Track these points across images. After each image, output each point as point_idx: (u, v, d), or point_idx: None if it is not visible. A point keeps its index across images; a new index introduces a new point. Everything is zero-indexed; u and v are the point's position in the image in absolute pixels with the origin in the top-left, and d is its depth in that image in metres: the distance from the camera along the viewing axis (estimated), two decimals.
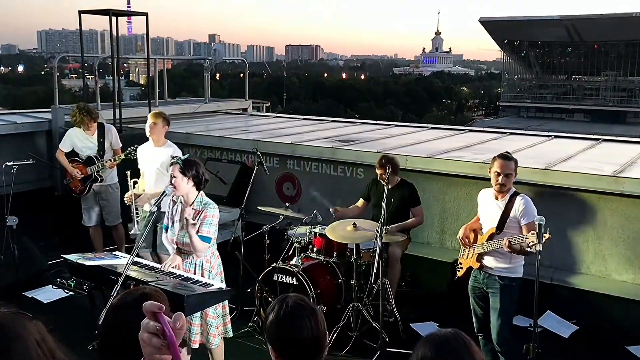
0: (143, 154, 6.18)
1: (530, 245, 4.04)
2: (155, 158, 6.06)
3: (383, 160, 5.85)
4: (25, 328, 1.32)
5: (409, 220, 6.05)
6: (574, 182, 6.02)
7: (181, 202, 4.46)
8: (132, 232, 5.99)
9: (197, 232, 4.30)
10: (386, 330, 5.33)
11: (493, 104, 76.08)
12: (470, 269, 4.69)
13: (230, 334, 4.63)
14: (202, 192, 4.45)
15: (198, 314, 4.27)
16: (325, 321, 2.29)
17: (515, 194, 4.45)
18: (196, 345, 4.37)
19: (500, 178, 4.40)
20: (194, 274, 4.39)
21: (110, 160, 6.78)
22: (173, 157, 4.63)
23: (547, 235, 3.96)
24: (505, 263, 4.46)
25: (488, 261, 4.54)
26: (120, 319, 2.01)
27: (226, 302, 4.46)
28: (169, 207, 4.54)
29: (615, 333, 5.63)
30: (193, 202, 4.40)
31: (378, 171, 5.88)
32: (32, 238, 6.91)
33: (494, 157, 4.53)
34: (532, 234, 4.01)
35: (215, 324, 4.38)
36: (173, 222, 4.48)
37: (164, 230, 4.65)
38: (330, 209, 6.20)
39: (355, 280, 5.46)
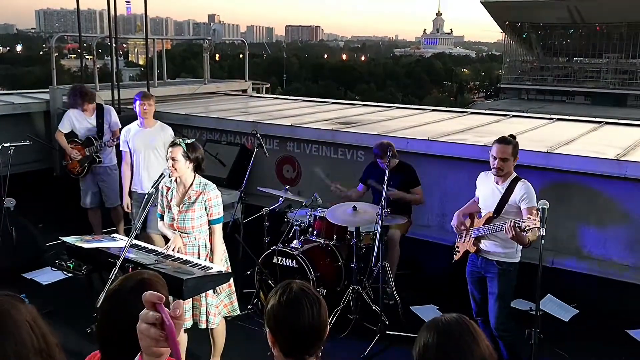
0: (134, 136, 6.11)
1: (525, 229, 4.02)
2: (150, 139, 6.01)
3: (382, 149, 5.77)
4: (18, 310, 1.30)
5: (409, 194, 6.00)
6: (576, 166, 5.97)
7: (176, 183, 4.41)
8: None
9: (209, 216, 4.35)
10: (386, 313, 5.33)
11: (494, 86, 75.83)
12: (467, 252, 4.67)
13: (238, 312, 4.65)
14: (197, 174, 4.42)
15: None
16: (327, 307, 2.25)
17: (517, 179, 4.42)
18: (190, 323, 4.32)
19: (496, 162, 4.38)
20: (198, 254, 4.38)
21: (111, 140, 6.75)
22: (175, 138, 4.58)
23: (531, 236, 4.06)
24: (503, 248, 4.44)
25: (486, 245, 4.52)
26: (119, 305, 1.98)
27: (231, 280, 4.43)
28: (162, 195, 4.49)
29: (615, 317, 5.63)
30: (192, 184, 4.37)
31: (381, 160, 5.81)
32: (30, 220, 6.88)
33: (494, 140, 4.50)
34: (528, 217, 4.00)
35: (214, 303, 4.36)
36: (169, 208, 4.44)
37: (158, 219, 4.61)
38: (331, 187, 6.17)
39: (355, 263, 5.44)
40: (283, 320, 2.15)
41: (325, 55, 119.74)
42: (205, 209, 4.38)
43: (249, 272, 5.93)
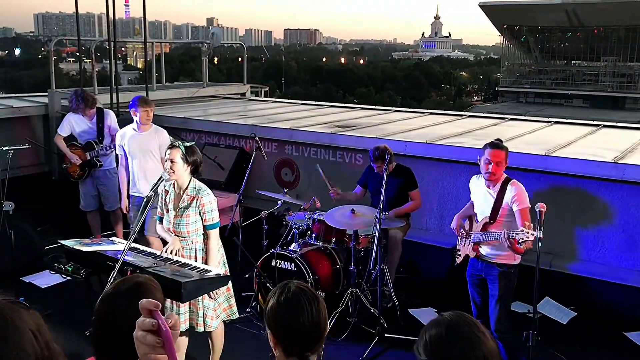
0: (129, 140, 6.10)
1: (520, 241, 4.04)
2: (146, 142, 6.01)
3: (377, 153, 5.76)
4: (21, 319, 1.30)
5: (406, 205, 6.01)
6: (574, 169, 5.99)
7: (173, 188, 4.41)
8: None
9: (204, 221, 4.32)
10: (384, 316, 5.33)
11: (492, 89, 75.90)
12: (468, 256, 4.67)
13: (237, 315, 4.64)
14: (193, 177, 4.42)
15: None
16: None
17: (507, 180, 4.42)
18: (186, 326, 4.32)
19: (490, 167, 4.36)
20: (195, 258, 4.37)
21: (112, 144, 6.76)
22: (173, 141, 4.57)
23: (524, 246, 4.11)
24: (503, 250, 4.44)
25: (485, 250, 4.53)
26: (114, 308, 1.99)
27: (230, 283, 4.42)
28: (161, 198, 4.49)
29: (613, 319, 5.64)
30: (187, 188, 4.36)
31: (376, 164, 5.81)
32: (29, 223, 6.88)
33: (485, 144, 4.49)
34: (522, 230, 4.01)
35: (212, 307, 4.35)
36: (167, 211, 4.44)
37: (157, 222, 4.61)
38: (330, 190, 6.17)
39: (353, 266, 5.44)
40: (283, 320, 2.16)
41: (324, 59, 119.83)
42: (200, 214, 4.37)
43: (247, 275, 5.93)
